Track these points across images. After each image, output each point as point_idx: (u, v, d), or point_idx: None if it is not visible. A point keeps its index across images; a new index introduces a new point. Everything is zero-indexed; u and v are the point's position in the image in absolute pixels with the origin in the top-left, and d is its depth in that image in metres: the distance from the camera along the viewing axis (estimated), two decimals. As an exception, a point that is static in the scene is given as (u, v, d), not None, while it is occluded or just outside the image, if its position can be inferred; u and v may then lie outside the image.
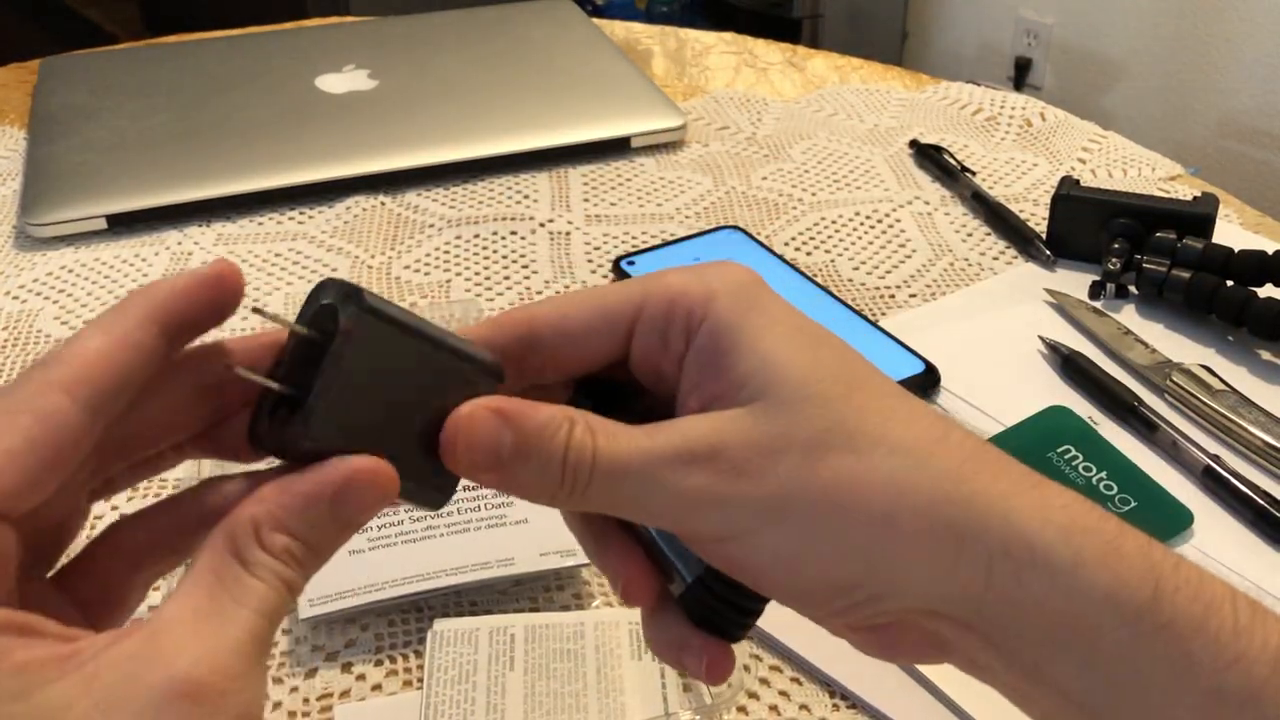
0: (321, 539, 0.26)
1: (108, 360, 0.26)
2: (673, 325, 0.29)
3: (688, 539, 0.29)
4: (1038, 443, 0.55)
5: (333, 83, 0.87)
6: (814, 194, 0.79)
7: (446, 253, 0.72)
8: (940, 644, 0.28)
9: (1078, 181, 0.70)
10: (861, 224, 0.75)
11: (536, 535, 0.49)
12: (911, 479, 0.27)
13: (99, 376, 0.26)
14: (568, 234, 0.74)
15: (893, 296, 0.68)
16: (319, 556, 0.27)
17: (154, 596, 0.42)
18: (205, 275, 0.28)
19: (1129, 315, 0.65)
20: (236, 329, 0.62)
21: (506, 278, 0.70)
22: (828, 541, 0.27)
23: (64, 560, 0.29)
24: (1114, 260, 0.66)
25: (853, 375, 0.29)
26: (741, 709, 0.44)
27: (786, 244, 0.73)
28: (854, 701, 0.45)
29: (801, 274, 0.68)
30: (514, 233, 0.74)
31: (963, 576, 0.27)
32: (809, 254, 0.72)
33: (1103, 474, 0.53)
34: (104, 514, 0.49)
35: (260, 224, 0.75)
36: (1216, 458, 0.54)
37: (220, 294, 0.29)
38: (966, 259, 0.72)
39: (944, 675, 0.44)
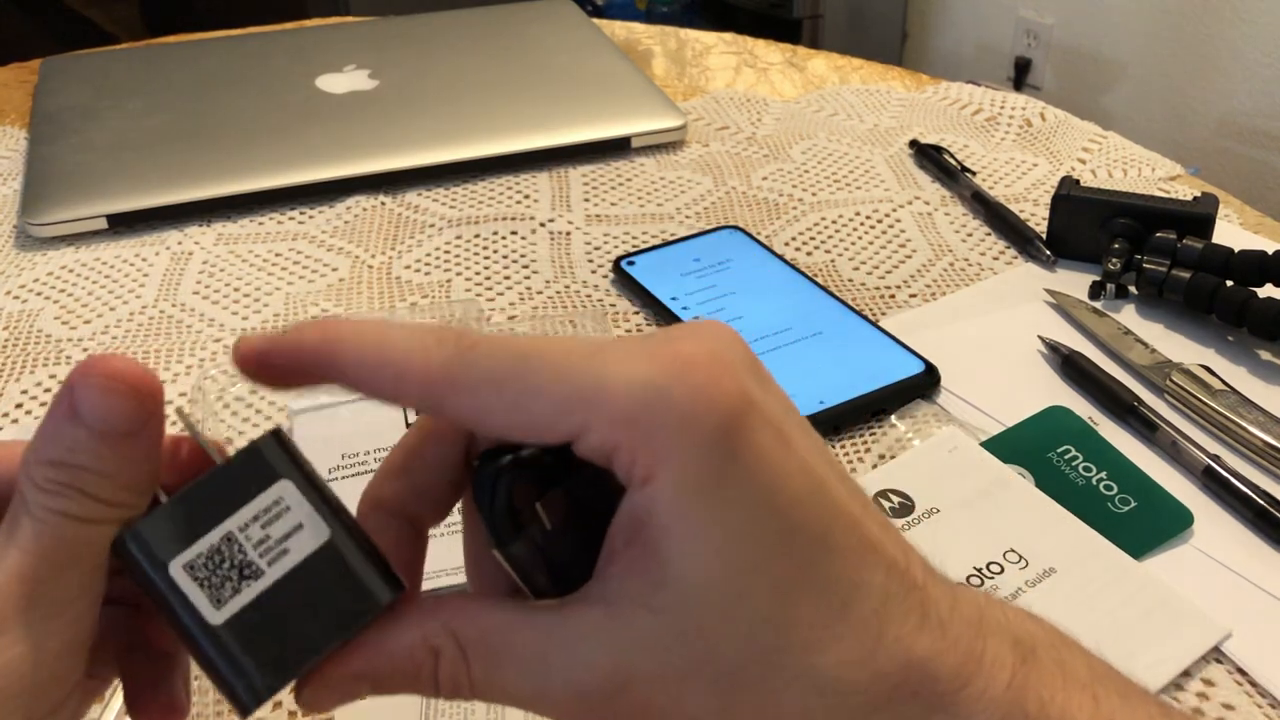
0: (87, 457, 0.25)
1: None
2: (617, 460, 0.25)
3: None
4: (1038, 443, 0.55)
5: (333, 83, 0.87)
6: (814, 194, 0.79)
7: (447, 253, 0.72)
8: None
9: (1078, 181, 0.70)
10: (861, 224, 0.75)
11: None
12: None
13: None
14: (568, 234, 0.74)
15: (893, 296, 0.68)
16: (96, 475, 0.25)
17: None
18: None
19: (1129, 315, 0.65)
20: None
21: (507, 277, 0.70)
22: None
23: None
24: (1114, 260, 0.66)
25: (791, 578, 0.25)
26: (742, 708, 0.44)
27: (786, 244, 0.73)
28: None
29: (801, 274, 0.68)
30: (514, 233, 0.74)
31: None
32: (809, 254, 0.72)
33: (1103, 474, 0.53)
34: None
35: (260, 224, 0.75)
36: (1216, 458, 0.54)
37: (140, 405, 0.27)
38: (966, 259, 0.72)
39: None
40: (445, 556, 0.48)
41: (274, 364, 0.27)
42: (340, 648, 0.26)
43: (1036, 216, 0.75)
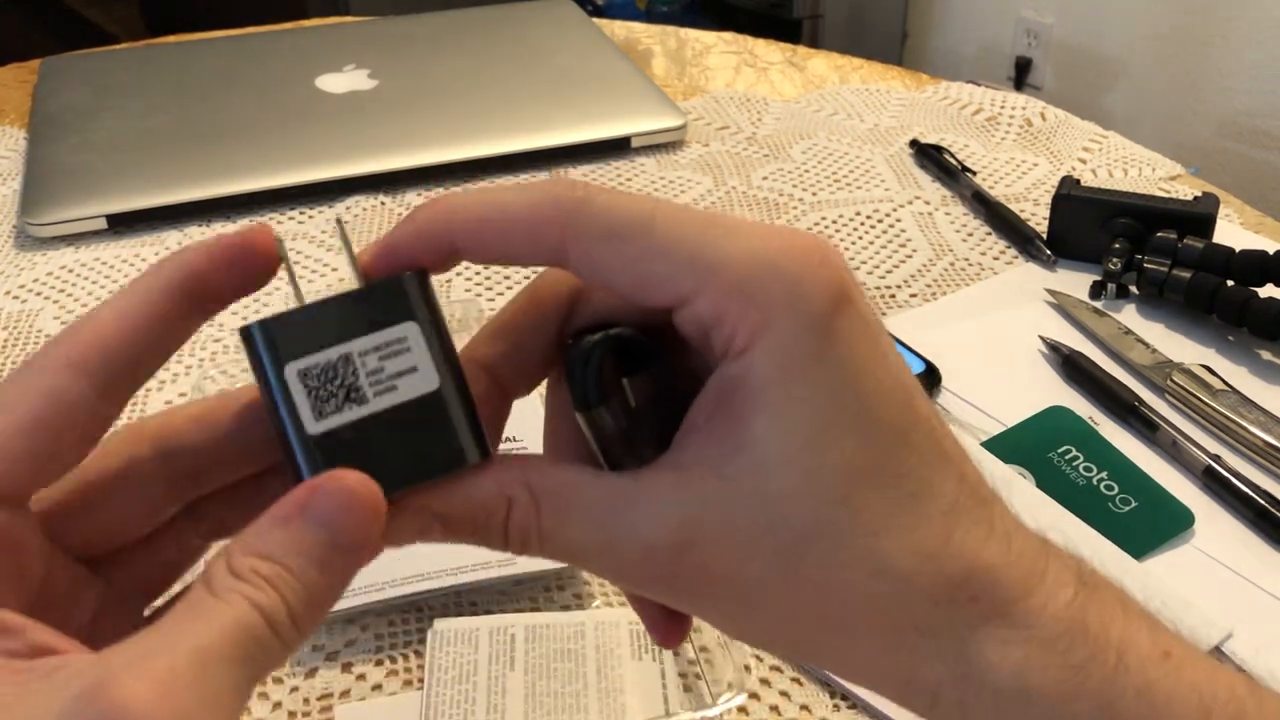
0: (305, 562, 0.23)
1: (121, 332, 0.25)
2: (716, 333, 0.25)
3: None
4: (1038, 443, 0.55)
5: (333, 82, 0.87)
6: (814, 194, 0.79)
7: (447, 253, 0.72)
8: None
9: (1078, 181, 0.70)
10: (862, 224, 0.75)
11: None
12: (885, 610, 0.25)
13: (111, 349, 0.25)
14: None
15: (893, 296, 0.68)
16: (305, 581, 0.24)
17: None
18: (238, 242, 0.26)
19: (1129, 315, 0.65)
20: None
21: (506, 277, 0.70)
22: (787, 637, 0.27)
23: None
24: (1114, 260, 0.66)
25: (871, 463, 0.25)
26: (742, 709, 0.44)
27: (787, 244, 0.73)
28: (854, 702, 0.45)
29: (802, 274, 0.67)
30: (514, 233, 0.74)
31: (911, 699, 0.26)
32: (809, 254, 0.72)
33: (1103, 474, 0.53)
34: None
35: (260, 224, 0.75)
36: (1217, 458, 0.54)
37: (253, 262, 0.27)
38: (967, 259, 0.72)
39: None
40: (446, 556, 0.48)
41: (400, 259, 0.27)
42: (415, 490, 0.26)
43: (1037, 216, 0.75)
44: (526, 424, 0.28)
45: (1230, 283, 0.63)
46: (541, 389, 0.30)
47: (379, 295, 0.26)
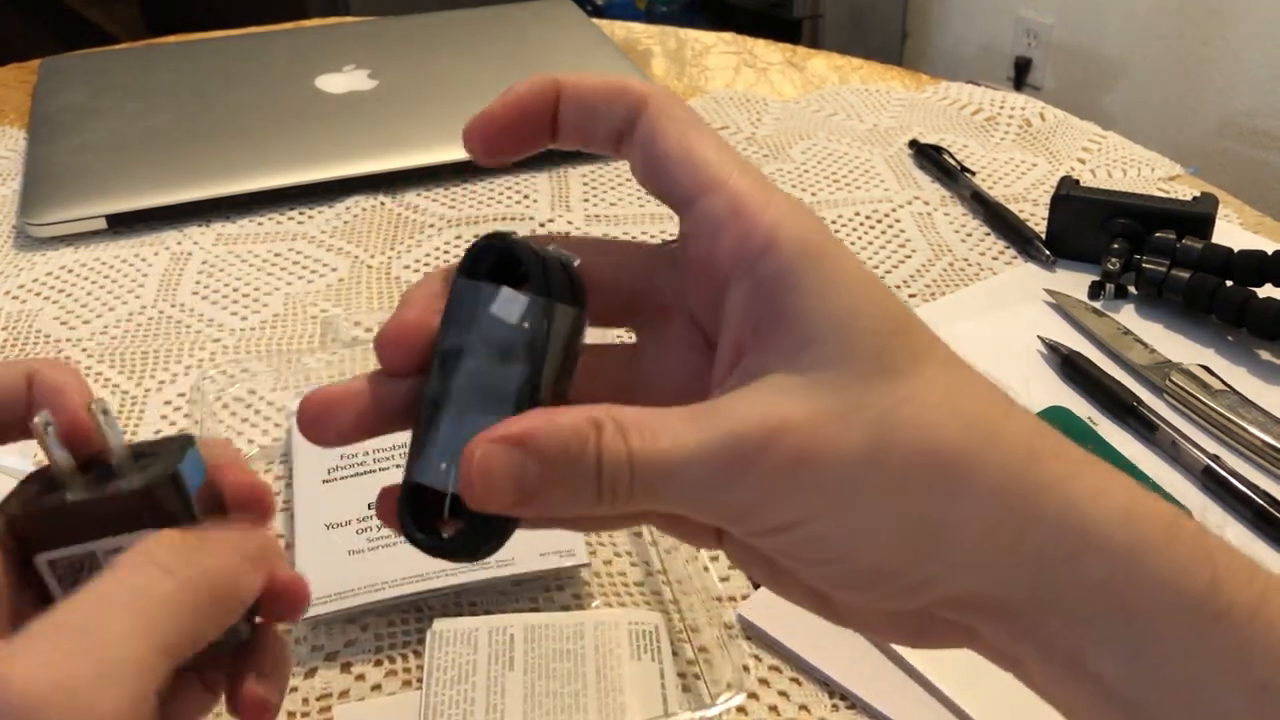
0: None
1: None
2: (728, 235, 0.27)
3: (736, 530, 0.27)
4: (1037, 443, 0.55)
5: (332, 82, 0.87)
6: (814, 194, 0.79)
7: (446, 253, 0.72)
8: (970, 634, 0.27)
9: (1077, 181, 0.70)
10: (861, 224, 0.75)
11: (536, 535, 0.49)
12: (984, 456, 0.26)
13: None
14: (568, 234, 0.74)
15: (892, 296, 0.68)
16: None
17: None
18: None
19: (1128, 315, 0.65)
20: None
21: (506, 278, 0.70)
22: (889, 525, 0.26)
23: None
24: (1113, 260, 0.66)
25: (919, 345, 0.27)
26: (741, 709, 0.44)
27: (786, 244, 0.73)
28: (853, 702, 0.45)
29: (801, 274, 0.68)
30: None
31: (1017, 565, 0.26)
32: (809, 254, 0.72)
33: (1102, 474, 0.53)
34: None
35: (260, 224, 0.75)
36: (1216, 458, 0.54)
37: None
38: (966, 259, 0.72)
39: (944, 675, 0.44)
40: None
41: (506, 124, 0.30)
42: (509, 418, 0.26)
43: (1036, 216, 0.75)
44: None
45: (1229, 283, 0.63)
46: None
47: (134, 499, 0.27)
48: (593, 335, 0.29)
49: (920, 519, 0.25)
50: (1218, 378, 0.58)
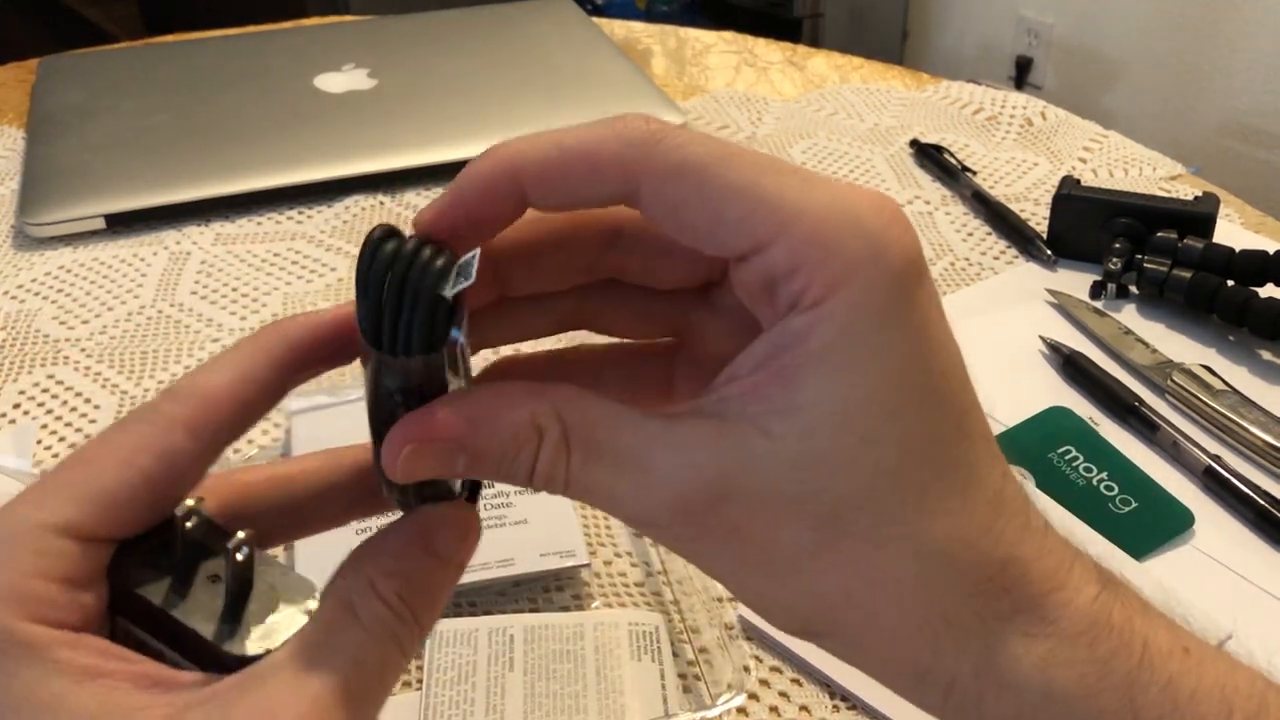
0: (426, 584, 0.26)
1: (231, 398, 0.26)
2: (786, 285, 0.24)
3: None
4: (1038, 443, 0.55)
5: (332, 82, 0.87)
6: (814, 193, 0.78)
7: (446, 252, 0.72)
8: None
9: (1078, 181, 0.70)
10: (862, 223, 0.75)
11: (536, 536, 0.49)
12: (918, 594, 0.25)
13: (222, 414, 0.26)
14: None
15: (893, 296, 0.68)
16: (426, 607, 0.27)
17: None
18: (336, 319, 0.28)
19: (1130, 315, 0.65)
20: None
21: (506, 277, 0.69)
22: (804, 609, 0.25)
23: None
24: (1115, 260, 0.66)
25: (927, 439, 0.24)
26: (741, 710, 0.44)
27: (786, 244, 0.73)
28: (854, 703, 0.44)
29: (801, 274, 0.67)
30: (513, 232, 0.74)
31: (923, 692, 0.26)
32: (809, 254, 0.72)
33: (1103, 474, 0.53)
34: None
35: (259, 224, 0.75)
36: (1217, 458, 0.53)
37: (344, 344, 0.28)
38: (967, 259, 0.72)
39: (944, 676, 0.44)
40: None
41: (467, 213, 0.26)
42: (437, 423, 0.25)
43: (1037, 216, 0.75)
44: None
45: (1230, 282, 0.63)
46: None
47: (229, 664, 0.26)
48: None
49: (840, 622, 0.25)
50: (1219, 378, 0.58)
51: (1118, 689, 0.25)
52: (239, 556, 0.26)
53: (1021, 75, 2.33)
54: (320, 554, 0.48)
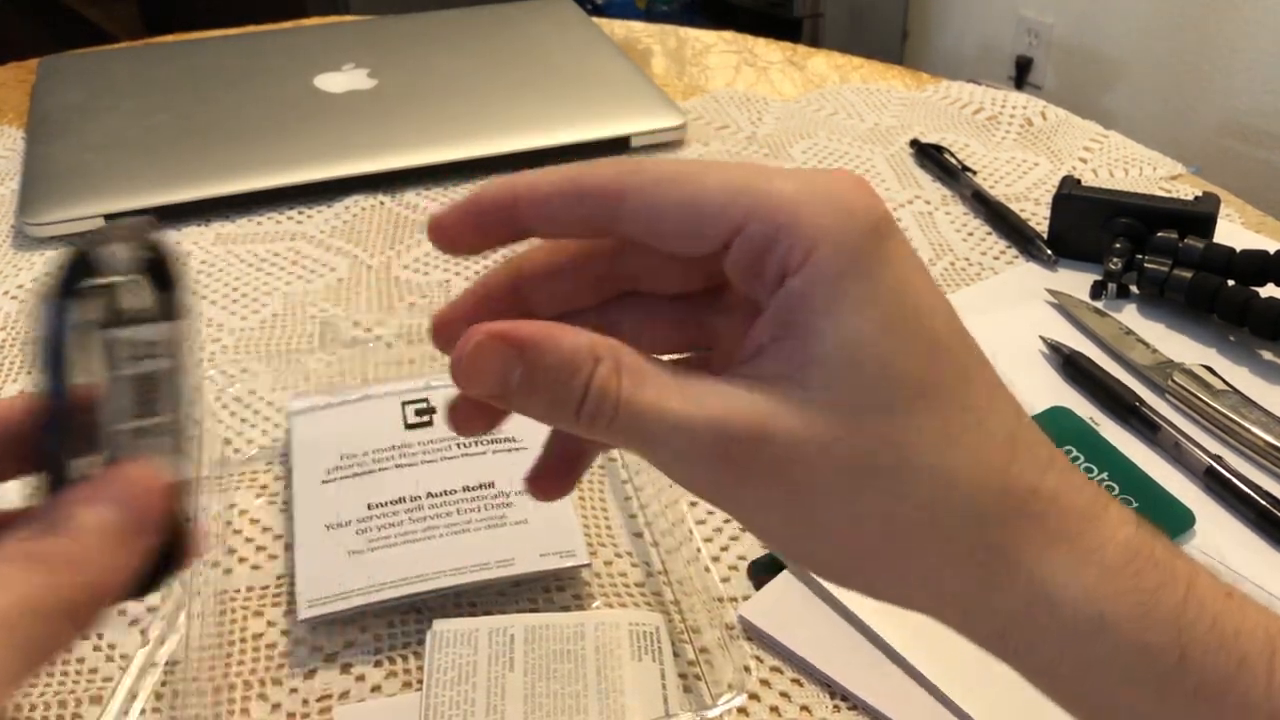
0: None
1: None
2: (771, 256, 0.26)
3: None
4: (1039, 443, 0.55)
5: (332, 82, 0.87)
6: (814, 193, 0.78)
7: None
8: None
9: (1079, 181, 0.70)
10: (862, 223, 0.75)
11: (536, 536, 0.49)
12: (954, 527, 0.25)
13: None
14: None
15: (893, 296, 0.68)
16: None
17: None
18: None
19: (1130, 315, 0.65)
20: (235, 329, 0.61)
21: (506, 277, 0.69)
22: (857, 548, 0.26)
23: None
24: (1115, 260, 0.66)
25: (936, 379, 0.26)
26: (742, 710, 0.44)
27: (787, 243, 0.73)
28: (854, 703, 0.44)
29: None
30: (514, 232, 0.74)
31: (984, 618, 0.26)
32: (809, 253, 0.72)
33: (1104, 475, 0.53)
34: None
35: (259, 223, 0.75)
36: (1218, 458, 0.53)
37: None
38: (967, 258, 0.72)
39: (946, 676, 0.44)
40: (445, 557, 0.48)
41: (468, 235, 0.29)
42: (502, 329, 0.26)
43: (1038, 216, 0.75)
44: (526, 422, 0.28)
45: (1231, 282, 0.63)
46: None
47: None
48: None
49: (886, 560, 0.26)
50: (1220, 378, 0.58)
51: (1165, 622, 0.25)
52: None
53: (1021, 75, 2.33)
54: (319, 556, 0.48)
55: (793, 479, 0.25)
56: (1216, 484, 0.53)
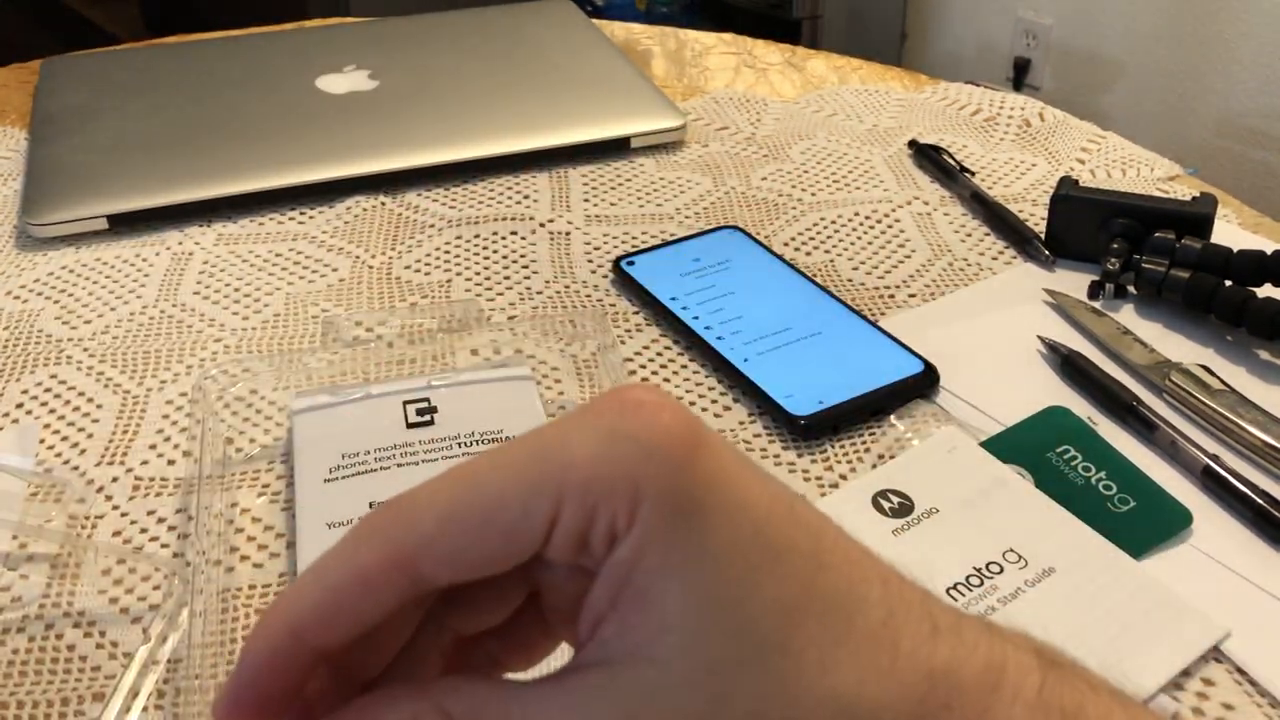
0: None
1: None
2: (595, 531, 0.24)
3: None
4: (1037, 443, 0.55)
5: (333, 83, 0.87)
6: (813, 194, 0.79)
7: (447, 253, 0.72)
8: None
9: (1076, 181, 0.70)
10: (861, 224, 0.75)
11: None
12: None
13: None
14: (568, 234, 0.74)
15: (892, 296, 0.68)
16: None
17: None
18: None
19: (1128, 315, 0.66)
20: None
21: (507, 278, 0.70)
22: None
23: None
24: (1113, 260, 0.66)
25: (795, 596, 0.24)
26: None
27: (786, 244, 0.73)
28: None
29: (801, 274, 0.68)
30: (514, 233, 0.74)
31: None
32: (808, 254, 0.72)
33: (1102, 474, 0.53)
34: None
35: (261, 224, 0.75)
36: (1216, 457, 0.54)
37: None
38: (966, 259, 0.72)
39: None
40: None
41: (254, 692, 0.25)
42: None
43: (1035, 216, 0.75)
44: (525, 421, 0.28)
45: (1228, 282, 0.63)
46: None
47: None
48: None
49: None
50: (1217, 377, 0.58)
51: None
52: None
53: (1020, 76, 2.33)
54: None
55: None
56: (1214, 483, 0.53)
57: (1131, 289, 0.67)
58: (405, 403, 0.55)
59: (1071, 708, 0.25)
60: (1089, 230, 0.68)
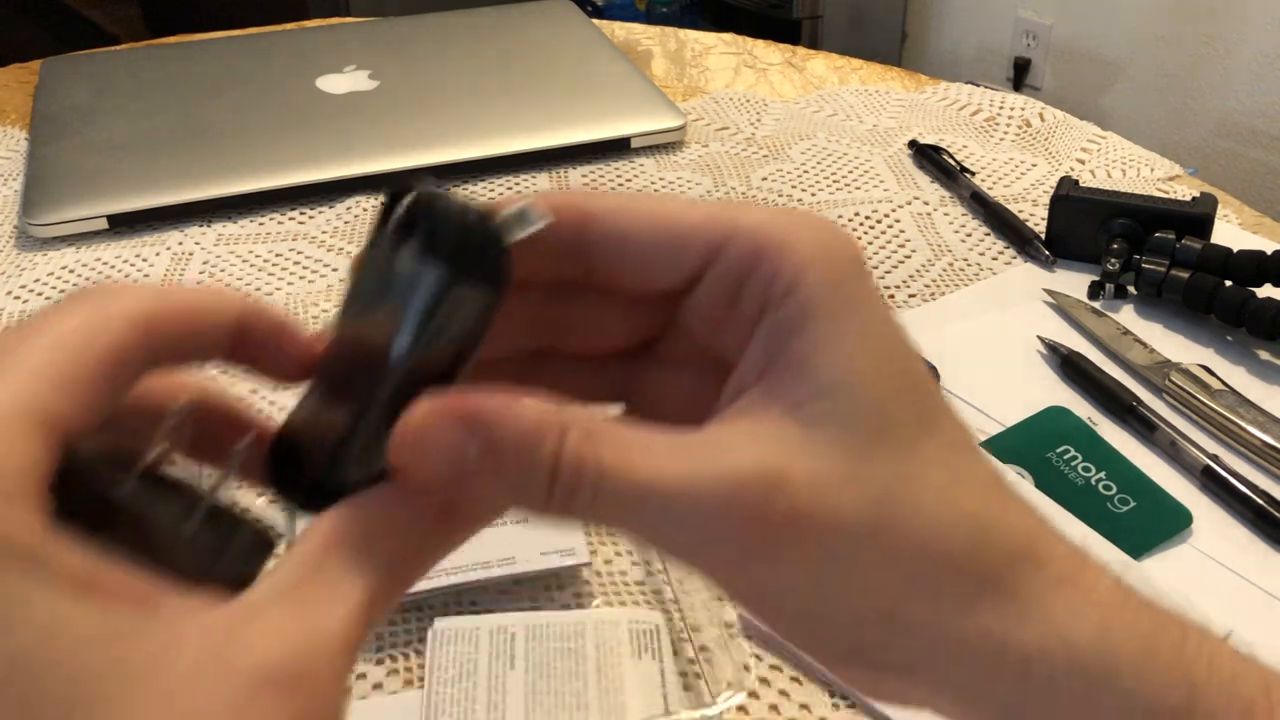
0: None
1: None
2: (752, 282, 0.24)
3: (704, 574, 0.24)
4: (1037, 443, 0.55)
5: (333, 83, 0.87)
6: (814, 194, 0.79)
7: (447, 253, 0.72)
8: (933, 707, 0.26)
9: (1076, 182, 0.70)
10: (861, 224, 0.75)
11: (537, 534, 0.49)
12: (972, 561, 0.24)
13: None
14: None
15: (892, 296, 0.68)
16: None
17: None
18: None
19: (1128, 315, 0.66)
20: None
21: (507, 278, 0.70)
22: (871, 604, 0.24)
23: None
24: (1113, 260, 0.66)
25: (930, 416, 0.25)
26: (741, 709, 0.45)
27: (786, 244, 0.73)
28: (854, 701, 0.45)
29: (801, 274, 0.68)
30: (514, 233, 0.74)
31: (992, 676, 0.25)
32: (809, 254, 0.72)
33: (1102, 474, 0.53)
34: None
35: (261, 224, 0.75)
36: (1215, 458, 0.54)
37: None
38: (966, 259, 0.72)
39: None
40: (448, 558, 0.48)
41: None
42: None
43: (1035, 217, 0.75)
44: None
45: (1228, 283, 0.63)
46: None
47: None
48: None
49: (904, 612, 0.24)
50: (1217, 378, 0.58)
51: (1169, 664, 0.24)
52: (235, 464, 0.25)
53: (1020, 76, 2.33)
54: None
55: (817, 522, 0.23)
56: (1213, 483, 0.53)
57: (1131, 289, 0.67)
58: (405, 403, 0.55)
59: (1145, 599, 0.25)
60: (1089, 230, 0.68)
